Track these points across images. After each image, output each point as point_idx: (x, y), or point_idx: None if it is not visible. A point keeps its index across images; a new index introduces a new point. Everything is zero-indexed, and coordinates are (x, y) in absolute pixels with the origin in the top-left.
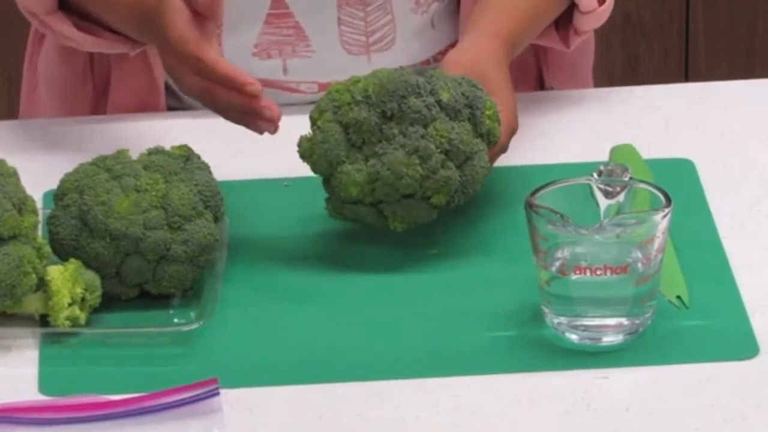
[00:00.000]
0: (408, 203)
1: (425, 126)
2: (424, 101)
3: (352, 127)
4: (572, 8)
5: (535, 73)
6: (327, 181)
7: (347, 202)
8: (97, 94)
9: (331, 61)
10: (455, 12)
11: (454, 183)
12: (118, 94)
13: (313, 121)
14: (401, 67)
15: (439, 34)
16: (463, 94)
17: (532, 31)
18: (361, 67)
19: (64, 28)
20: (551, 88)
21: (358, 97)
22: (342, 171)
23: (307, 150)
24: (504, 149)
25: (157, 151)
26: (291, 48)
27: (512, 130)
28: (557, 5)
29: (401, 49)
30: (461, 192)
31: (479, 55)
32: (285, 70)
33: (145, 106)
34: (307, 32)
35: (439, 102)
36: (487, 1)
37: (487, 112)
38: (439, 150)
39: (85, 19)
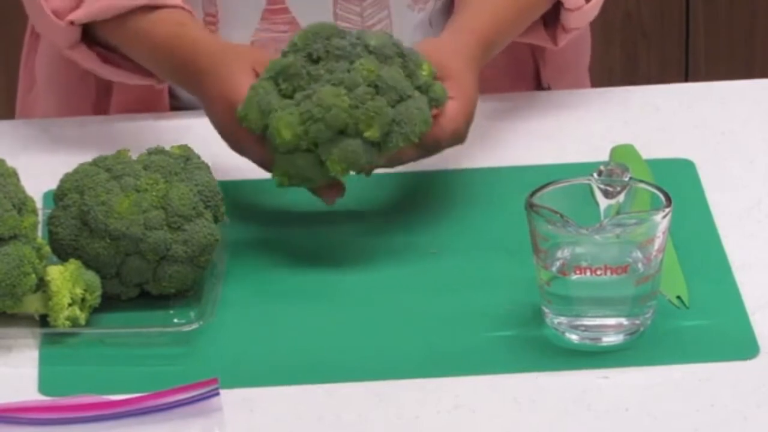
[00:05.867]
0: (343, 141)
1: (351, 62)
2: (349, 41)
3: (281, 76)
4: (560, 6)
5: (532, 71)
6: (265, 139)
7: (285, 153)
8: (99, 90)
9: None
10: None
11: (386, 115)
12: (122, 92)
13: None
14: (328, 21)
15: (436, 32)
16: (393, 44)
17: (513, 30)
18: None
19: (89, 62)
20: (548, 86)
21: (286, 49)
22: (274, 117)
23: (241, 111)
24: (459, 138)
25: (157, 151)
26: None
27: (466, 117)
28: (541, 3)
29: None
30: (398, 132)
31: (443, 48)
32: None
33: (148, 105)
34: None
35: (366, 46)
36: (468, 0)
37: (424, 72)
38: (366, 83)
39: (110, 49)
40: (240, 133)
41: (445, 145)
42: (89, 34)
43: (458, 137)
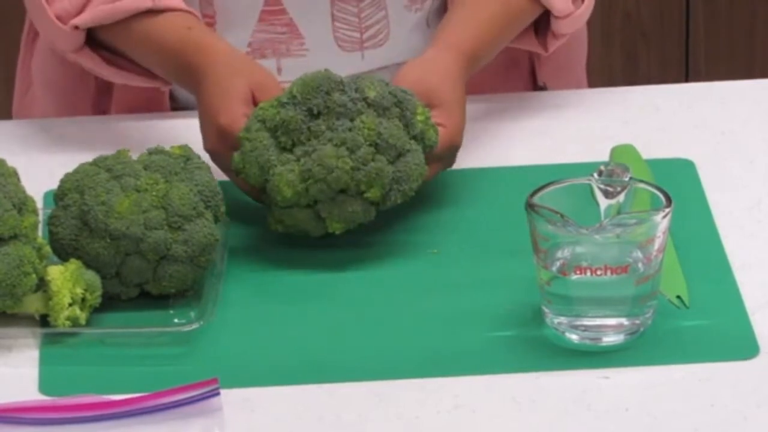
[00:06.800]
0: (343, 200)
1: (352, 120)
2: (349, 96)
3: (280, 129)
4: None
5: (528, 70)
6: (263, 192)
7: (284, 207)
8: (99, 90)
9: (325, 58)
10: None
11: (386, 176)
12: (123, 92)
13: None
14: (326, 70)
15: (433, 32)
16: (390, 93)
17: (499, 41)
18: (354, 63)
19: (94, 65)
20: (543, 84)
21: (284, 100)
22: (274, 174)
23: (239, 162)
24: (448, 163)
25: (157, 151)
26: (285, 47)
27: (453, 145)
28: (528, 13)
29: (395, 46)
30: (397, 190)
31: (432, 72)
32: (279, 70)
33: (149, 105)
34: (301, 29)
35: (365, 99)
36: (453, 13)
37: (419, 117)
38: (367, 143)
39: (113, 52)
40: (226, 162)
41: (434, 172)
42: (92, 38)
43: (447, 163)
